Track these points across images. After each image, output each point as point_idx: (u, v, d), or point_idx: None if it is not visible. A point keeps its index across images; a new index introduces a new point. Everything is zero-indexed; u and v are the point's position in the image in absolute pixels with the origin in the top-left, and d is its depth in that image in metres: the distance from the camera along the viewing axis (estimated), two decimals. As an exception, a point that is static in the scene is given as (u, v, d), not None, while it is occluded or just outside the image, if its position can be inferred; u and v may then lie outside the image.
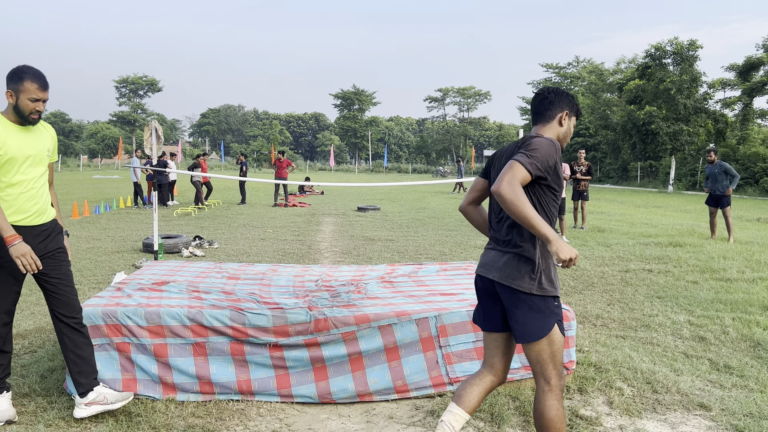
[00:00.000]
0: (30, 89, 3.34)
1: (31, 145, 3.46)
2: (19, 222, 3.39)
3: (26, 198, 3.42)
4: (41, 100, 3.39)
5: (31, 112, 3.38)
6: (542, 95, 3.00)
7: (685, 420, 3.82)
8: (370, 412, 3.90)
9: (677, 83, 37.61)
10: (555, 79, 71.71)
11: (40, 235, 3.51)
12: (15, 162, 3.37)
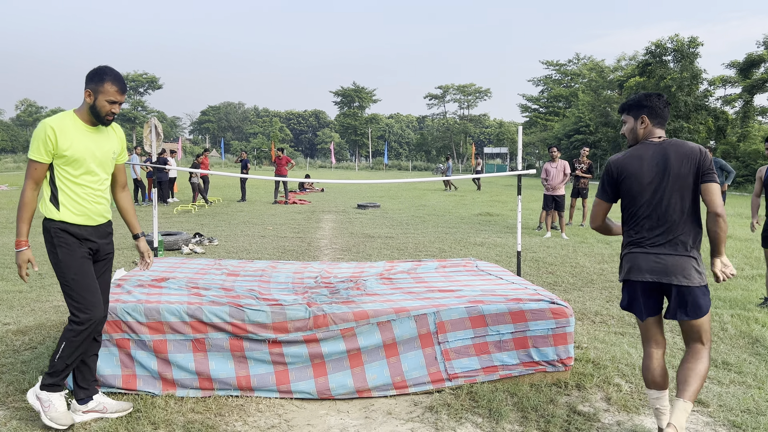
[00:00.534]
0: (109, 91, 3.35)
1: (99, 146, 3.47)
2: (84, 222, 3.43)
3: (91, 199, 3.44)
4: (118, 103, 3.41)
5: (107, 114, 3.39)
6: (667, 101, 3.45)
7: (682, 416, 3.83)
8: (369, 408, 3.91)
9: (678, 80, 37.61)
10: (555, 76, 71.72)
11: (104, 235, 3.56)
12: (82, 163, 3.38)
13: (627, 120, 3.49)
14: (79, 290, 3.35)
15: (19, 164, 54.95)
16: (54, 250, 3.37)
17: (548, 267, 8.96)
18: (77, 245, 3.38)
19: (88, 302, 3.36)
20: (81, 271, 3.37)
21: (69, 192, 3.38)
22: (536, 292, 4.51)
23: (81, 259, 3.38)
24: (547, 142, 54.67)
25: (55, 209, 3.37)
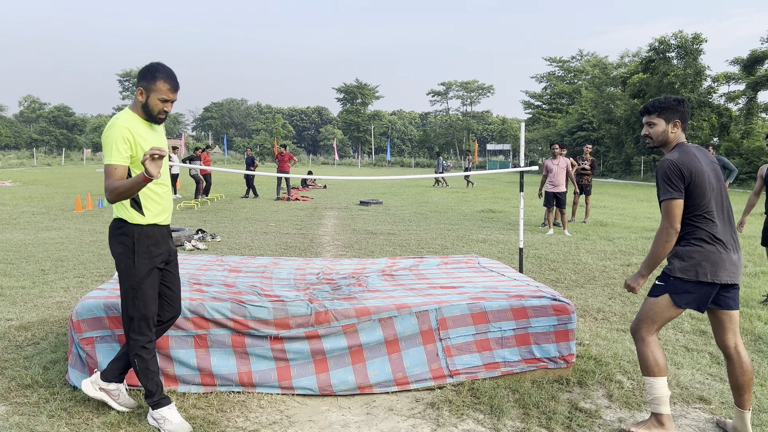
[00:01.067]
0: (162, 89, 3.28)
1: (162, 143, 3.46)
2: (162, 221, 3.44)
3: (167, 197, 3.48)
4: (170, 101, 3.35)
5: (159, 112, 3.34)
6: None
7: (684, 413, 3.83)
8: (371, 404, 3.91)
9: (681, 77, 37.50)
10: (559, 73, 71.57)
11: (170, 236, 3.58)
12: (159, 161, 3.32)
13: (657, 122, 3.48)
14: (145, 300, 3.34)
15: (23, 161, 55.11)
16: (131, 255, 3.30)
17: (550, 264, 8.94)
18: (156, 253, 3.37)
19: (150, 311, 3.37)
20: (151, 282, 3.36)
21: (149, 193, 3.34)
22: (538, 288, 4.50)
23: (155, 270, 3.38)
24: (550, 139, 54.57)
25: (139, 214, 3.32)
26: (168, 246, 3.50)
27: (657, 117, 3.48)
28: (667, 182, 3.34)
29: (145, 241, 3.33)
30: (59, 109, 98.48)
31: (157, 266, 3.40)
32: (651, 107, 3.50)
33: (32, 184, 25.95)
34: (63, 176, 33.62)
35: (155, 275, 3.39)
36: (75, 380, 3.90)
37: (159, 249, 3.40)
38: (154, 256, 3.37)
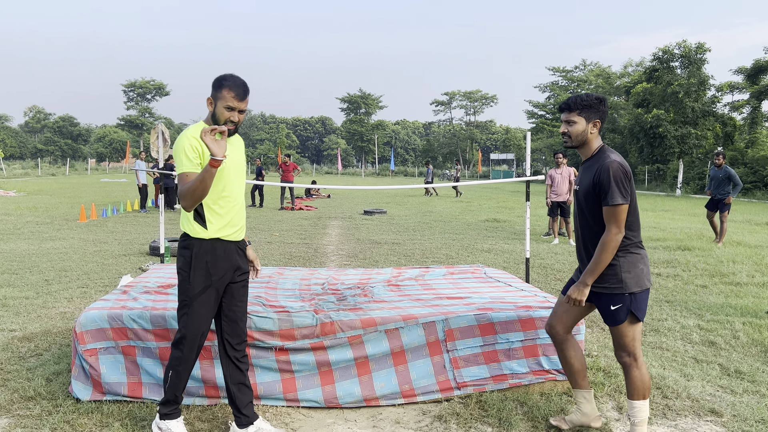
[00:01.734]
0: (227, 97, 3.15)
1: (234, 155, 3.30)
2: (230, 236, 3.27)
3: (236, 211, 3.30)
4: (236, 110, 3.19)
5: (226, 122, 3.17)
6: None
7: (696, 426, 3.77)
8: (377, 417, 3.86)
9: (685, 86, 37.46)
10: (562, 82, 71.60)
11: (241, 254, 3.39)
12: (224, 172, 3.20)
13: (578, 121, 3.30)
14: (193, 318, 3.21)
15: (27, 171, 55.29)
16: (188, 270, 3.20)
17: (556, 274, 8.88)
18: (215, 271, 3.21)
19: (195, 330, 3.23)
20: (204, 302, 3.22)
21: (215, 206, 3.21)
22: (546, 299, 4.45)
23: (210, 288, 3.21)
24: (553, 148, 54.53)
25: (201, 228, 3.20)
26: (232, 264, 3.30)
27: (578, 115, 3.30)
28: (619, 185, 3.14)
29: (203, 257, 3.19)
30: (64, 120, 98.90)
31: (215, 286, 3.22)
32: (573, 104, 3.31)
33: (37, 194, 26.01)
34: (67, 186, 33.70)
35: (211, 294, 3.22)
36: (78, 392, 3.86)
37: (220, 267, 3.23)
38: (212, 273, 3.20)
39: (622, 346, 3.33)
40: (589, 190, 3.25)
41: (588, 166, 3.35)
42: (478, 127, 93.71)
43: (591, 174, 3.26)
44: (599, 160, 3.26)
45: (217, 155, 2.91)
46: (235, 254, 3.31)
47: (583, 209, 3.35)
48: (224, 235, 3.24)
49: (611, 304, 3.25)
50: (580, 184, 3.36)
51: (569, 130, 3.33)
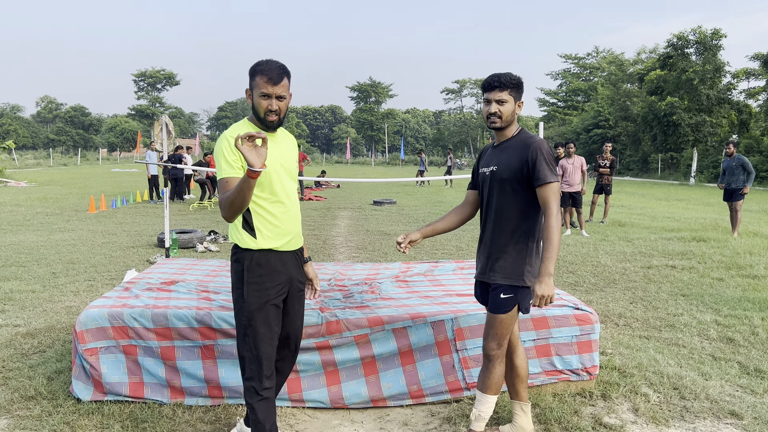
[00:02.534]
0: (260, 84, 2.80)
1: (283, 154, 2.95)
2: (281, 247, 2.92)
3: (288, 218, 2.95)
4: (273, 97, 2.81)
5: (266, 113, 2.82)
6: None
7: (715, 429, 3.63)
8: (384, 418, 3.75)
9: (700, 73, 36.89)
10: (574, 69, 70.92)
11: (298, 264, 3.06)
12: (271, 175, 2.87)
13: (508, 100, 3.09)
14: (257, 339, 2.88)
15: (39, 161, 55.62)
16: (241, 286, 2.89)
17: (569, 266, 8.73)
18: (270, 285, 2.89)
19: (263, 353, 2.88)
20: (264, 320, 2.88)
21: (264, 213, 2.88)
22: (559, 296, 4.31)
23: (268, 305, 2.89)
24: (565, 137, 54.04)
25: (250, 237, 2.88)
26: (289, 276, 2.98)
27: (508, 94, 3.09)
28: (550, 164, 3.02)
29: (256, 270, 2.87)
30: (75, 110, 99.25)
31: (274, 302, 2.90)
32: (505, 82, 3.07)
33: (47, 185, 26.09)
34: (78, 176, 33.80)
35: (270, 311, 2.89)
36: (79, 392, 3.77)
37: (275, 280, 2.90)
38: (267, 288, 2.88)
39: (495, 336, 3.16)
40: (516, 171, 3.06)
41: (506, 147, 3.16)
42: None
43: (517, 155, 3.07)
44: (523, 140, 3.11)
45: (254, 166, 2.51)
46: (291, 265, 2.99)
47: (498, 193, 3.14)
48: (276, 245, 2.90)
49: (503, 292, 3.11)
50: (497, 166, 3.13)
51: (500, 110, 3.09)
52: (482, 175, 3.27)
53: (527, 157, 3.03)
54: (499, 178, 3.12)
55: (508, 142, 3.18)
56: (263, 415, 2.92)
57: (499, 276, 3.14)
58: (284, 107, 2.85)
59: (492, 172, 3.17)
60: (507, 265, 3.12)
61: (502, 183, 3.11)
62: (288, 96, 2.87)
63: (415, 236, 3.36)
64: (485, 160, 3.29)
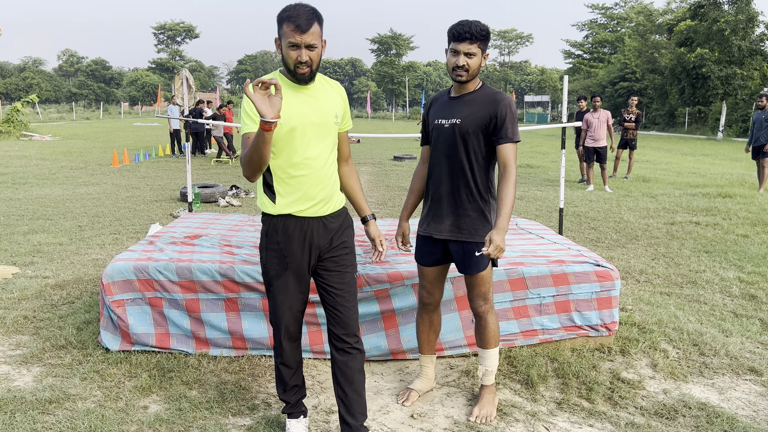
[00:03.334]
0: (287, 32, 2.51)
1: (315, 109, 2.66)
2: (304, 212, 2.67)
3: (313, 181, 2.67)
4: (302, 46, 2.51)
5: (295, 64, 2.54)
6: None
7: (734, 385, 3.64)
8: (404, 371, 3.82)
9: (732, 23, 35.64)
10: (601, 20, 68.94)
11: (330, 230, 2.77)
12: (297, 132, 2.61)
13: (476, 52, 2.94)
14: (274, 305, 2.79)
15: (62, 114, 56.07)
16: (263, 250, 2.77)
17: (590, 222, 8.67)
18: (288, 252, 2.70)
19: (278, 320, 2.79)
20: (282, 287, 2.74)
21: (283, 175, 2.65)
22: (580, 253, 4.29)
23: (287, 273, 2.72)
24: (590, 90, 52.93)
25: (270, 202, 2.68)
26: (314, 244, 2.71)
27: (477, 47, 2.93)
28: (516, 123, 2.97)
29: (274, 236, 2.70)
30: (96, 63, 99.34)
31: (294, 270, 2.72)
32: (476, 33, 2.90)
33: (71, 139, 26.35)
34: (101, 130, 34.06)
35: (289, 280, 2.73)
36: (107, 342, 3.89)
37: (294, 249, 2.69)
38: (285, 255, 2.70)
39: (480, 294, 3.16)
40: (482, 126, 2.98)
41: (469, 100, 3.03)
42: (512, 68, 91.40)
43: (484, 109, 2.97)
44: (490, 95, 3.01)
45: (265, 116, 2.28)
46: (317, 233, 2.71)
47: (461, 147, 3.03)
48: (297, 210, 2.66)
49: (476, 250, 3.07)
50: (461, 119, 3.01)
51: (468, 63, 2.94)
52: (438, 126, 3.10)
53: (497, 113, 2.95)
54: (463, 131, 3.00)
55: (471, 95, 3.05)
56: (279, 378, 2.94)
57: (468, 234, 3.08)
58: (316, 57, 2.57)
59: (454, 125, 3.03)
60: (475, 222, 3.08)
61: (466, 136, 3.00)
62: (320, 44, 2.57)
63: (405, 229, 3.35)
64: (442, 111, 3.11)
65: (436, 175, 3.15)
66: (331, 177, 2.75)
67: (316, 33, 2.52)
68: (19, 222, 8.16)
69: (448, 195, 3.10)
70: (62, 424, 3.04)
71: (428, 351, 3.47)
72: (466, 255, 3.10)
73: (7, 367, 3.72)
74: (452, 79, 3.01)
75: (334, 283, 2.78)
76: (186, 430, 3.05)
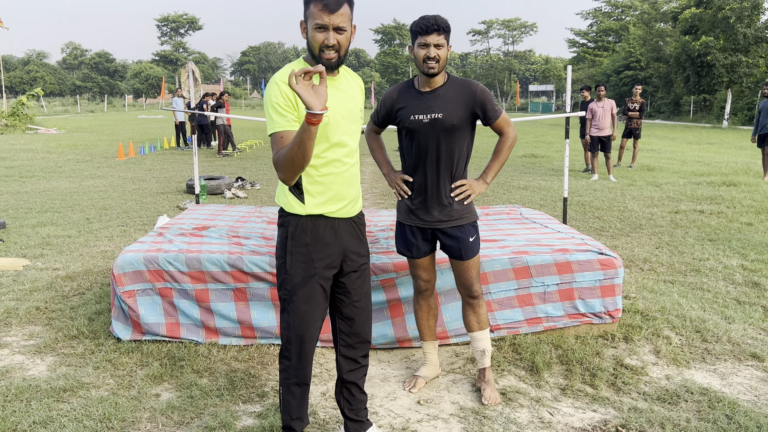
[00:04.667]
0: (314, 13, 2.30)
1: (346, 101, 2.49)
2: (334, 213, 2.50)
3: (345, 180, 2.51)
4: (330, 28, 2.30)
5: (321, 48, 2.33)
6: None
7: (735, 370, 3.69)
8: (410, 359, 3.88)
9: (737, 11, 35.40)
10: (605, 9, 68.51)
11: (355, 234, 2.62)
12: (328, 126, 2.42)
13: (444, 44, 3.02)
14: (295, 317, 2.51)
15: (67, 107, 56.16)
16: (284, 255, 2.51)
17: (595, 211, 8.70)
18: (318, 257, 2.49)
19: (300, 334, 2.52)
20: (307, 296, 2.49)
21: (315, 173, 2.45)
22: (583, 241, 4.34)
23: (314, 280, 2.49)
24: (595, 79, 52.71)
25: (297, 201, 2.47)
26: (343, 247, 2.55)
27: (444, 38, 3.02)
28: (493, 99, 3.15)
29: (301, 239, 2.47)
30: (100, 56, 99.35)
31: (320, 276, 2.50)
32: (443, 25, 2.99)
33: (76, 132, 26.44)
34: (106, 123, 34.15)
35: (315, 288, 2.49)
36: (118, 332, 3.96)
37: (323, 252, 2.49)
38: (314, 260, 2.48)
39: (475, 278, 3.29)
40: (464, 118, 3.09)
41: (443, 93, 3.10)
42: (516, 57, 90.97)
43: (461, 101, 3.08)
44: (461, 85, 3.13)
45: (313, 108, 2.07)
46: (347, 234, 2.57)
47: (444, 140, 3.10)
48: (328, 210, 2.49)
49: (469, 236, 3.20)
50: (442, 113, 3.06)
51: (438, 54, 3.00)
52: (416, 122, 3.10)
53: (474, 102, 3.10)
54: (447, 125, 3.07)
55: (443, 88, 3.12)
56: (286, 403, 2.62)
57: (457, 218, 3.20)
58: (345, 42, 2.36)
59: (435, 120, 3.07)
60: (462, 206, 3.21)
61: (450, 130, 3.09)
62: (349, 28, 2.37)
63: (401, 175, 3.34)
64: (416, 107, 3.12)
65: (419, 168, 3.21)
66: (358, 175, 2.63)
67: (345, 15, 2.32)
68: (27, 215, 8.24)
69: (433, 186, 3.18)
70: (77, 411, 3.12)
71: (429, 337, 3.53)
72: (458, 240, 3.20)
73: (21, 356, 3.80)
74: (423, 72, 3.07)
75: (358, 291, 2.65)
76: (197, 416, 3.12)
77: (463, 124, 3.11)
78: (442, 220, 3.20)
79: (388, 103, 3.27)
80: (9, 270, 5.59)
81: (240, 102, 72.36)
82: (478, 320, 3.34)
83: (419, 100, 3.14)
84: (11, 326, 4.27)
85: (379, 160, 3.47)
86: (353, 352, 2.72)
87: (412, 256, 3.32)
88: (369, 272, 2.74)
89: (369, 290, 2.73)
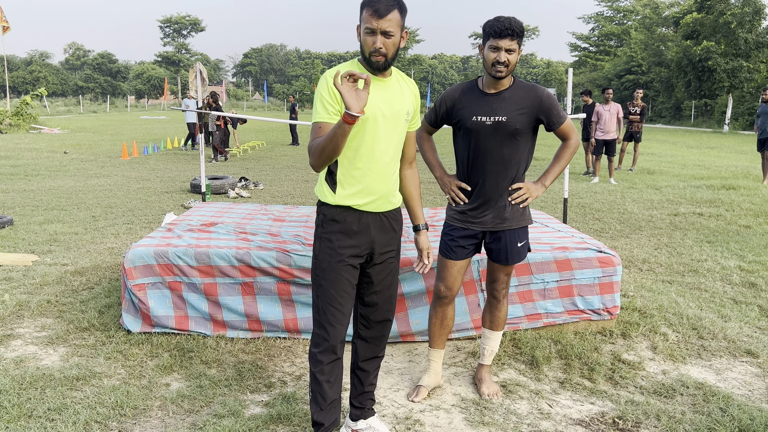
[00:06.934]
0: (365, 18, 2.45)
1: (389, 104, 2.60)
2: (364, 206, 2.60)
3: (377, 175, 2.61)
4: (378, 32, 2.44)
5: (372, 52, 2.47)
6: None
7: (730, 366, 3.79)
8: (413, 352, 3.98)
9: (738, 16, 35.53)
10: (607, 12, 68.64)
11: (386, 228, 2.70)
12: (368, 123, 2.54)
13: (516, 49, 2.95)
14: (323, 300, 2.61)
15: (70, 108, 56.31)
16: (316, 240, 2.67)
17: (595, 213, 8.80)
18: (343, 245, 2.60)
19: (328, 319, 2.60)
20: (334, 281, 2.59)
21: (349, 166, 2.58)
22: (583, 240, 4.44)
23: (339, 264, 2.59)
24: (596, 83, 52.84)
25: (329, 191, 2.61)
26: (369, 240, 2.64)
27: (516, 43, 2.94)
28: (558, 105, 3.11)
29: (329, 227, 2.61)
30: (103, 56, 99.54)
31: (347, 262, 2.60)
32: (517, 30, 2.90)
33: (80, 132, 26.56)
34: (108, 123, 34.27)
35: (341, 273, 2.59)
36: (129, 324, 4.06)
37: (349, 242, 2.60)
38: (339, 248, 2.59)
39: (507, 283, 3.36)
40: (529, 122, 3.06)
41: (508, 96, 3.05)
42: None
43: (527, 105, 3.04)
44: (527, 90, 3.08)
45: (352, 109, 2.23)
46: (376, 228, 2.65)
47: (505, 143, 3.06)
48: (356, 203, 2.59)
49: (518, 240, 3.21)
50: (506, 116, 3.02)
51: (509, 59, 2.94)
52: (478, 123, 3.06)
53: (540, 107, 3.05)
54: (510, 128, 3.02)
55: (508, 91, 3.07)
56: (316, 392, 2.65)
57: (513, 221, 3.18)
58: (392, 46, 2.48)
59: (499, 122, 3.03)
60: (517, 210, 3.19)
61: (513, 133, 3.04)
62: (398, 33, 2.48)
63: (456, 180, 3.26)
64: (479, 108, 3.07)
65: (475, 171, 3.14)
66: (394, 174, 2.69)
67: (394, 21, 2.44)
68: (34, 212, 8.35)
69: (493, 189, 3.13)
70: (90, 399, 3.21)
71: (438, 346, 3.47)
72: (508, 244, 3.19)
73: (35, 347, 3.90)
74: (491, 75, 3.01)
75: (383, 283, 2.75)
76: (207, 405, 3.22)
77: (525, 128, 3.06)
78: (496, 224, 3.17)
79: (449, 102, 3.19)
80: (18, 265, 5.69)
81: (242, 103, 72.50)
82: (494, 321, 3.42)
83: (483, 101, 3.08)
84: (23, 318, 4.37)
85: (431, 161, 3.35)
86: (369, 333, 2.81)
87: (449, 257, 3.24)
88: (397, 266, 2.81)
89: (394, 282, 2.81)
